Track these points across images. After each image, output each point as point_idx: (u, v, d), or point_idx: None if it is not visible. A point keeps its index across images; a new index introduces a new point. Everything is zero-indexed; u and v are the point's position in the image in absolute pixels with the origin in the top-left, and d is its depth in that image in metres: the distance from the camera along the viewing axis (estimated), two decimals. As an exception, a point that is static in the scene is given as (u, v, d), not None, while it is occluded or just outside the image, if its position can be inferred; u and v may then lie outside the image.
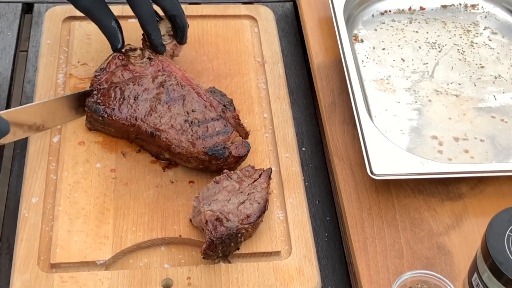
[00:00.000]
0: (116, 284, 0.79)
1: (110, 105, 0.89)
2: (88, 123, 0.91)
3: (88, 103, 0.89)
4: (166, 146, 0.87)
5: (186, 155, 0.87)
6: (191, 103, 0.89)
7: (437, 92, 1.03)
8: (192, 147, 0.86)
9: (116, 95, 0.89)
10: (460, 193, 0.91)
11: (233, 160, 0.87)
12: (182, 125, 0.87)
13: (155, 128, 0.87)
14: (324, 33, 1.08)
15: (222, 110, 0.90)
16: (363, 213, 0.88)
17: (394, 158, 0.88)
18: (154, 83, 0.91)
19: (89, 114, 0.90)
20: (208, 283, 0.81)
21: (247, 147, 0.88)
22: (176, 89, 0.90)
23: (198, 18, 1.09)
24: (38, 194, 0.86)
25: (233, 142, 0.88)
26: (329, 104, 0.99)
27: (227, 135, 0.87)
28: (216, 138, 0.87)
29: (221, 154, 0.86)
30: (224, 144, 0.87)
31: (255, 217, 0.82)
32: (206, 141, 0.86)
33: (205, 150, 0.86)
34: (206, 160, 0.87)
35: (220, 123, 0.88)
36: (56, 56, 1.00)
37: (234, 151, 0.87)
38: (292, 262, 0.84)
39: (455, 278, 0.82)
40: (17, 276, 0.79)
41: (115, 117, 0.88)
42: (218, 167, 0.87)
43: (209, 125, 0.88)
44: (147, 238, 0.83)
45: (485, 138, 0.97)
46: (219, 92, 0.93)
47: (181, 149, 0.87)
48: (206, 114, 0.89)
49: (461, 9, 1.16)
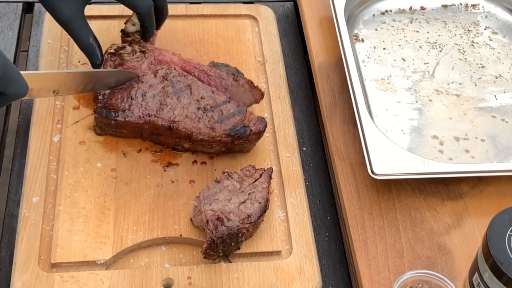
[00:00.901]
0: (117, 284, 0.79)
1: (119, 108, 0.89)
2: (98, 129, 0.91)
3: (97, 109, 0.89)
4: (186, 136, 0.88)
5: (208, 140, 0.88)
6: (198, 91, 0.90)
7: (437, 91, 1.03)
8: (212, 132, 0.88)
9: (123, 96, 0.89)
10: (460, 193, 0.91)
11: (254, 136, 0.90)
12: (196, 113, 0.89)
13: (170, 121, 0.88)
14: (325, 33, 1.08)
15: (234, 79, 0.93)
16: (363, 212, 0.88)
17: (394, 158, 0.88)
18: (157, 78, 0.91)
19: (99, 120, 0.89)
20: (208, 283, 0.81)
21: (264, 122, 0.90)
22: (180, 80, 0.91)
23: (199, 17, 1.09)
24: (38, 193, 0.86)
25: (250, 120, 0.90)
26: (329, 104, 0.99)
27: (242, 114, 0.90)
28: (233, 119, 0.89)
29: (243, 133, 0.88)
30: (242, 123, 0.89)
31: (256, 217, 0.82)
32: (224, 123, 0.88)
33: (227, 132, 0.88)
34: (229, 142, 0.89)
35: (232, 104, 0.90)
36: (57, 56, 1.00)
37: (253, 128, 0.89)
38: (293, 261, 0.83)
39: (455, 278, 0.82)
40: (18, 275, 0.79)
41: (128, 118, 0.88)
42: (241, 146, 0.90)
43: (222, 108, 0.90)
44: (148, 237, 0.83)
45: (485, 137, 0.97)
46: (222, 64, 0.95)
47: (203, 135, 0.88)
48: (216, 99, 0.90)
49: (462, 9, 1.16)
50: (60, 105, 0.95)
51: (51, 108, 0.94)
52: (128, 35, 0.95)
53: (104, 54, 0.92)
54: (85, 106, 0.95)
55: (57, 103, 0.95)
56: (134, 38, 0.95)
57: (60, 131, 0.92)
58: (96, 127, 0.91)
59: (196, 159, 0.92)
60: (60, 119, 0.93)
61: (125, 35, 0.95)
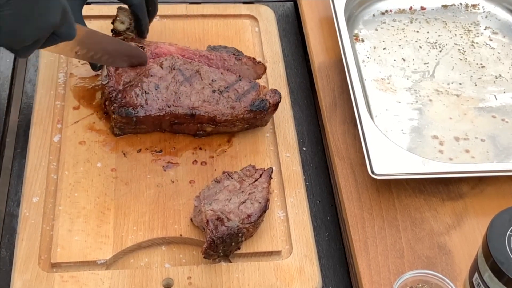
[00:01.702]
0: (117, 284, 0.79)
1: (137, 104, 0.89)
2: (117, 130, 0.91)
3: (115, 110, 0.88)
4: (209, 119, 0.90)
5: (231, 120, 0.91)
6: (207, 75, 0.92)
7: (437, 92, 1.03)
8: (234, 111, 0.91)
9: (137, 92, 0.89)
10: (461, 193, 0.91)
11: (272, 108, 0.93)
12: (212, 96, 0.91)
13: (191, 108, 0.90)
14: (325, 33, 1.08)
15: (236, 59, 0.95)
16: (364, 212, 0.88)
17: (395, 158, 0.88)
18: (164, 69, 0.92)
19: (119, 120, 0.89)
20: (209, 283, 0.81)
21: (278, 93, 0.93)
22: (187, 67, 0.92)
23: (199, 17, 1.09)
24: (38, 193, 0.86)
25: (265, 93, 0.92)
26: (329, 104, 0.99)
27: (257, 88, 0.93)
28: (250, 96, 0.92)
29: (263, 106, 0.91)
30: (259, 98, 0.92)
31: (256, 217, 0.82)
32: (243, 101, 0.91)
33: (248, 109, 0.91)
34: (251, 117, 0.92)
35: (244, 82, 0.93)
36: (57, 56, 1.00)
37: (271, 100, 0.92)
38: (293, 261, 0.83)
39: (456, 278, 0.82)
40: (18, 275, 0.79)
41: (148, 112, 0.89)
42: (261, 120, 0.93)
43: (236, 87, 0.92)
44: (148, 237, 0.83)
45: (485, 138, 0.97)
46: (220, 47, 0.97)
47: (226, 116, 0.90)
48: (227, 79, 0.92)
49: (462, 9, 1.16)
50: (60, 105, 0.95)
51: (51, 108, 0.94)
52: (120, 34, 0.96)
53: None
54: (85, 106, 0.95)
55: (57, 103, 0.95)
56: (126, 35, 0.96)
57: (60, 131, 0.92)
58: (115, 128, 0.91)
59: (196, 159, 0.92)
60: (60, 119, 0.93)
61: (116, 34, 0.96)
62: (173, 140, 0.93)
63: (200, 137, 0.93)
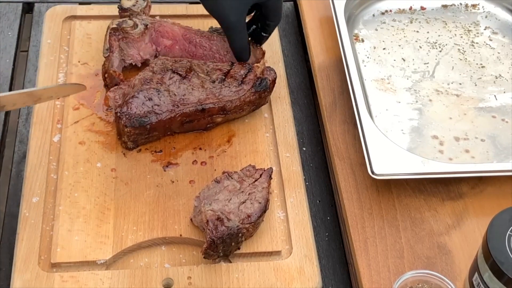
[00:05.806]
0: (117, 284, 0.79)
1: (145, 112, 0.88)
2: (131, 144, 0.90)
3: (127, 123, 0.87)
4: (220, 109, 0.91)
5: (240, 105, 0.92)
6: (201, 68, 0.93)
7: (437, 92, 1.03)
8: (240, 95, 0.92)
9: (140, 102, 0.89)
10: (460, 193, 0.91)
11: (272, 84, 0.95)
12: (214, 86, 0.91)
13: (199, 103, 0.90)
14: (325, 33, 1.08)
15: None
16: (363, 212, 0.88)
17: (394, 158, 0.88)
18: (157, 73, 0.91)
19: (133, 132, 0.88)
20: (208, 283, 0.81)
21: (272, 68, 0.96)
22: (179, 65, 0.93)
23: (199, 17, 1.09)
24: (38, 193, 0.86)
25: (261, 73, 0.94)
26: (329, 104, 0.99)
27: (253, 70, 0.94)
28: (249, 77, 0.93)
29: (265, 85, 0.93)
30: (259, 78, 0.93)
31: (256, 217, 0.82)
32: (244, 84, 0.93)
33: (252, 90, 0.92)
34: (257, 98, 0.93)
35: (238, 66, 0.94)
36: (57, 56, 1.00)
37: (270, 77, 0.95)
38: (293, 261, 0.83)
39: (455, 278, 0.82)
40: (18, 275, 0.79)
41: (160, 117, 0.88)
42: (265, 98, 0.95)
43: (232, 72, 0.93)
44: (148, 237, 0.83)
45: (485, 138, 0.97)
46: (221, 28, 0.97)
47: (234, 102, 0.92)
48: (221, 67, 0.94)
49: (462, 9, 1.16)
50: (60, 105, 0.95)
51: (51, 108, 0.94)
52: (126, 10, 0.98)
53: (107, 30, 0.95)
54: (85, 106, 0.95)
55: (57, 103, 0.95)
56: (131, 12, 0.98)
57: (60, 131, 0.92)
58: (129, 142, 0.90)
59: (196, 159, 0.92)
60: (60, 119, 0.93)
61: (122, 11, 0.99)
62: (173, 140, 0.93)
63: (210, 130, 0.94)
